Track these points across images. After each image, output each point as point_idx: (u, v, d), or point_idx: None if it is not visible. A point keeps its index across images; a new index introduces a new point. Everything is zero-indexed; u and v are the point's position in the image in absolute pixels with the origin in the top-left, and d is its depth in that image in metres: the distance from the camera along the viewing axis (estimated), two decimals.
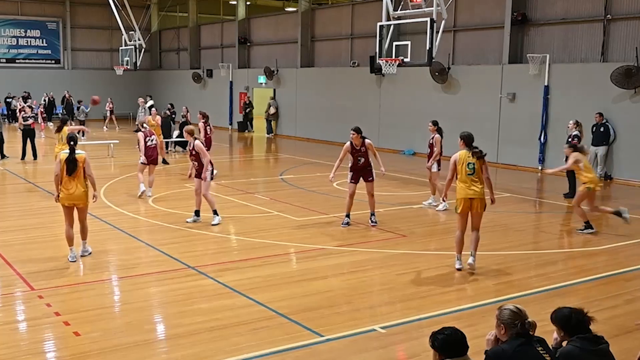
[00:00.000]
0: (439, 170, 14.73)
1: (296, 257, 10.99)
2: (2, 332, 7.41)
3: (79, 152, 10.17)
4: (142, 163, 15.81)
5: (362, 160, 12.88)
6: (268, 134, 33.90)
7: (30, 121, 22.49)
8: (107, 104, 36.46)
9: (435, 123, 14.92)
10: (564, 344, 5.04)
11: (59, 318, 7.82)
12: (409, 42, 18.92)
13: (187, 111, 24.67)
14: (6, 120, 38.60)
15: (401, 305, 8.56)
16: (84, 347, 6.99)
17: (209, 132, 18.77)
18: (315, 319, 7.88)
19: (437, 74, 24.37)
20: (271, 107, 33.67)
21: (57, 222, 13.25)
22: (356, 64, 29.23)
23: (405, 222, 13.53)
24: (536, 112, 21.65)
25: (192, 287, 9.14)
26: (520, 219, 13.79)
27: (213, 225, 12.81)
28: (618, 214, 12.79)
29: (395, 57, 18.95)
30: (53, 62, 43.09)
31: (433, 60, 18.63)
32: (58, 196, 10.21)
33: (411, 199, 16.19)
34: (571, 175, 16.62)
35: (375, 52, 19.79)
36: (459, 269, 10.03)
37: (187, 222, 13.08)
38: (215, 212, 13.01)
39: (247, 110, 35.93)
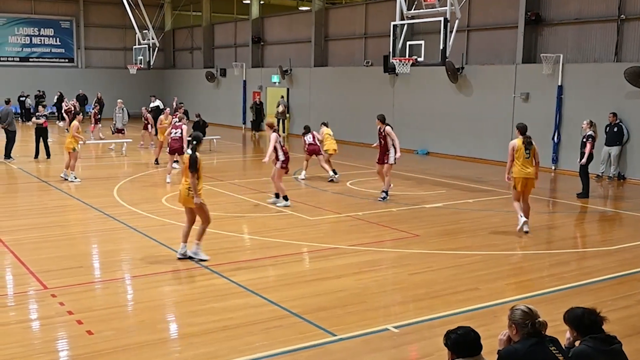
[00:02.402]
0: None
1: (309, 257, 11.01)
2: (15, 331, 7.46)
3: (189, 153, 10.07)
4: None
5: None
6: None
7: (43, 120, 22.55)
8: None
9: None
10: (577, 343, 5.03)
11: (71, 317, 7.85)
12: (422, 42, 18.86)
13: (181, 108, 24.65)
14: (19, 119, 38.72)
15: (414, 305, 8.55)
16: (96, 346, 7.02)
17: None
18: (328, 318, 7.88)
19: (450, 73, 24.30)
20: (280, 106, 33.49)
21: (70, 221, 13.40)
22: (370, 64, 29.20)
23: (418, 222, 13.52)
24: (550, 112, 21.55)
25: (205, 286, 9.17)
26: (533, 218, 13.69)
27: (278, 205, 14.61)
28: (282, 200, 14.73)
29: (408, 56, 18.91)
30: (66, 60, 43.25)
31: (447, 60, 18.59)
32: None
33: (424, 198, 16.18)
34: (584, 174, 16.57)
35: (389, 52, 19.75)
36: (523, 230, 12.36)
37: (268, 202, 15.03)
38: (285, 198, 14.68)
39: (257, 111, 35.28)
